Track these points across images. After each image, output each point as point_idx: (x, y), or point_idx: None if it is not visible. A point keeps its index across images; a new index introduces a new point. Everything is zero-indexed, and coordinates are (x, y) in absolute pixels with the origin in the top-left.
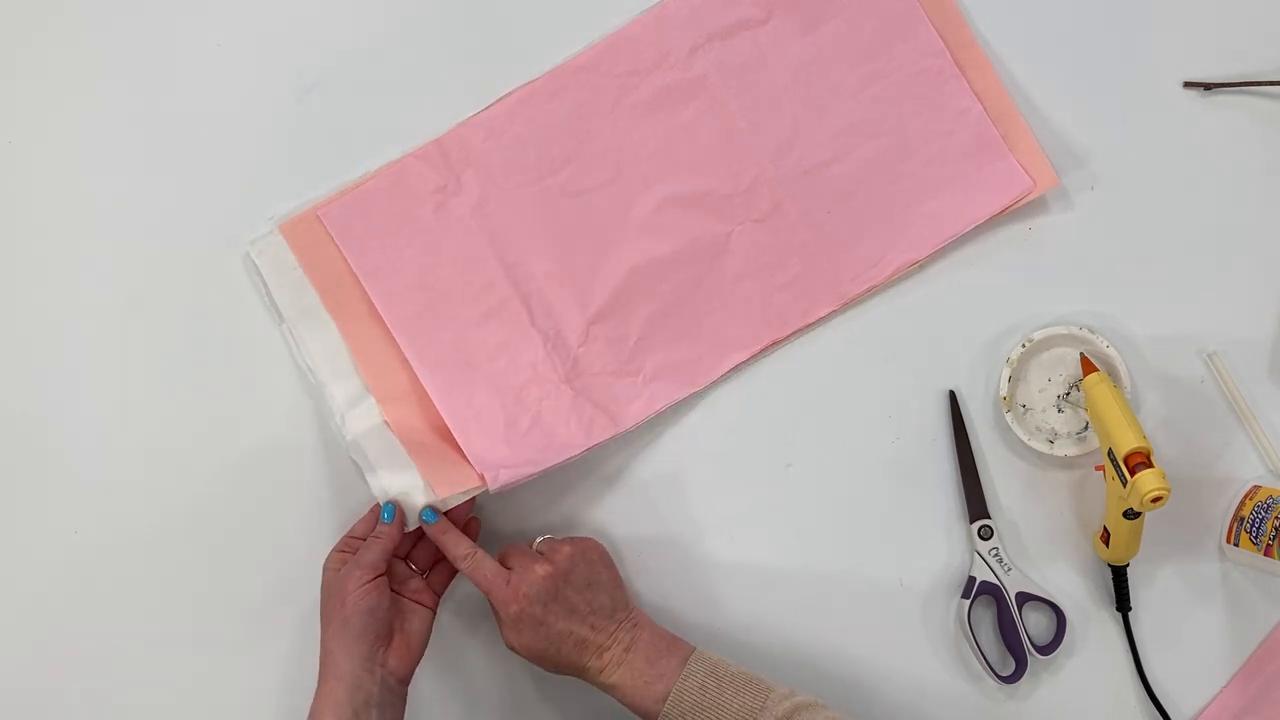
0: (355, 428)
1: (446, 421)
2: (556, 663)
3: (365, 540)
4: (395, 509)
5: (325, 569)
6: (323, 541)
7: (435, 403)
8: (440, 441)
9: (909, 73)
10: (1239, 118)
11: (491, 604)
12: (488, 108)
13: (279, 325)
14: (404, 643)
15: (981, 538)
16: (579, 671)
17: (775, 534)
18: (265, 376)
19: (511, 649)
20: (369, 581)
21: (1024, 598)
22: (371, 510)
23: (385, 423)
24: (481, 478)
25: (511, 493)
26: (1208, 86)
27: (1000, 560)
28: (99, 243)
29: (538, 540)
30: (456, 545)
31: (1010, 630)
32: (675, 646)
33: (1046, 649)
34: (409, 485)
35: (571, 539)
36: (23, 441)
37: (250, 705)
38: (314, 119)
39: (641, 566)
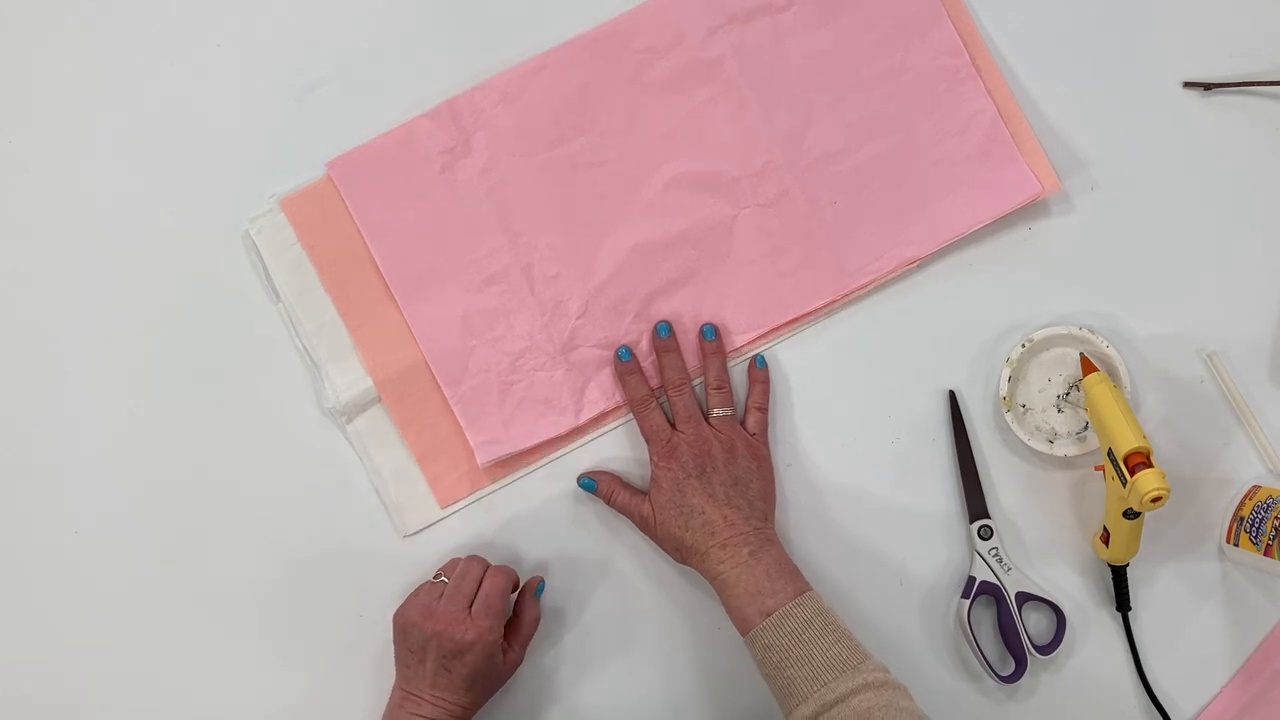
0: (351, 408)
1: (442, 387)
2: (680, 540)
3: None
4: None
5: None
6: (322, 530)
7: (430, 366)
8: (435, 423)
9: (926, 70)
10: (1239, 118)
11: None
12: (502, 72)
13: (276, 305)
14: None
15: (981, 538)
16: (700, 557)
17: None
18: (263, 360)
19: (646, 525)
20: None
21: (1024, 598)
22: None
23: (380, 403)
24: (475, 476)
25: (507, 488)
26: (1208, 86)
27: (1000, 560)
28: (97, 241)
29: (718, 411)
30: (638, 388)
31: (1010, 630)
32: (795, 577)
33: (1046, 649)
34: (402, 466)
35: (751, 444)
36: (23, 441)
37: (251, 704)
38: (314, 117)
39: (640, 564)
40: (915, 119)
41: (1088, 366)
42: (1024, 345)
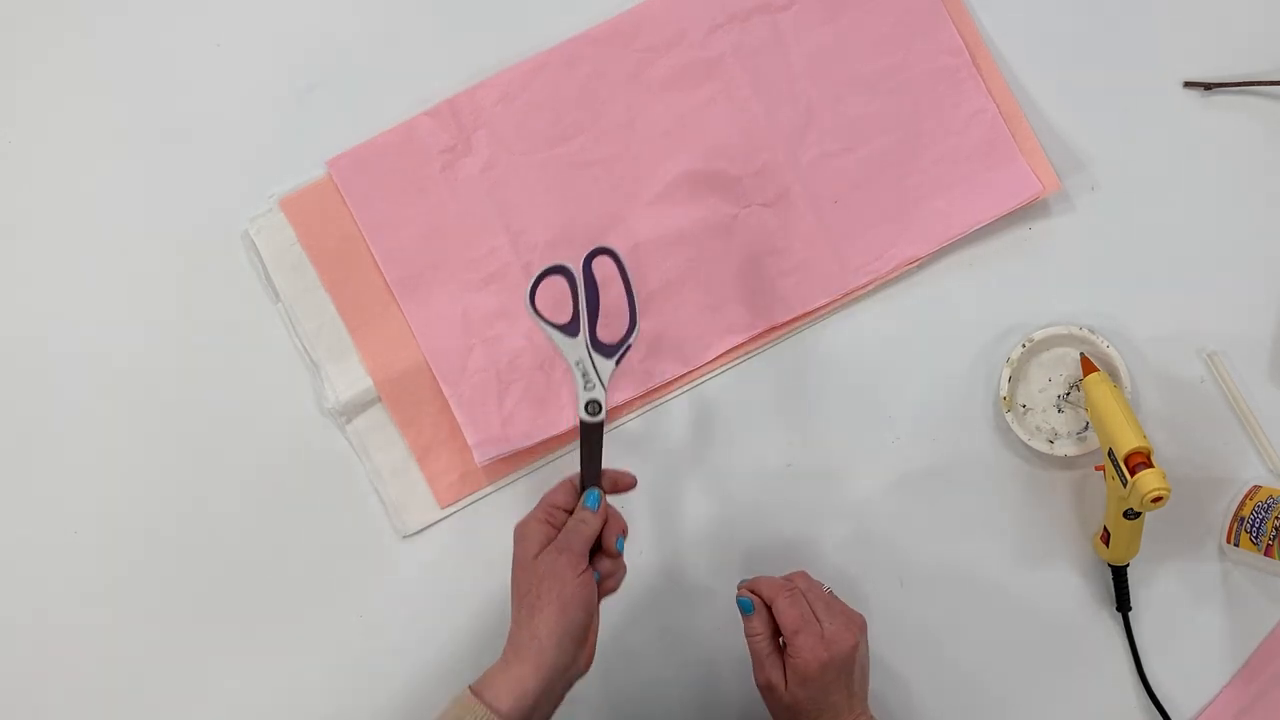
0: (351, 408)
1: (441, 386)
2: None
3: (569, 518)
4: (600, 497)
5: (525, 538)
6: (322, 530)
7: (430, 364)
8: (435, 423)
9: (927, 69)
10: (1239, 118)
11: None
12: (503, 71)
13: (275, 305)
14: (590, 646)
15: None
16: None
17: (775, 533)
18: (263, 360)
19: (772, 689)
20: (584, 572)
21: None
22: (567, 481)
23: (380, 403)
24: (474, 476)
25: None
26: (1208, 86)
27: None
28: (97, 241)
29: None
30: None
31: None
32: None
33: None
34: (402, 466)
35: (857, 622)
36: (23, 441)
37: (250, 703)
38: (314, 117)
39: (643, 565)
40: (916, 118)
41: (1088, 366)
42: (1024, 345)
